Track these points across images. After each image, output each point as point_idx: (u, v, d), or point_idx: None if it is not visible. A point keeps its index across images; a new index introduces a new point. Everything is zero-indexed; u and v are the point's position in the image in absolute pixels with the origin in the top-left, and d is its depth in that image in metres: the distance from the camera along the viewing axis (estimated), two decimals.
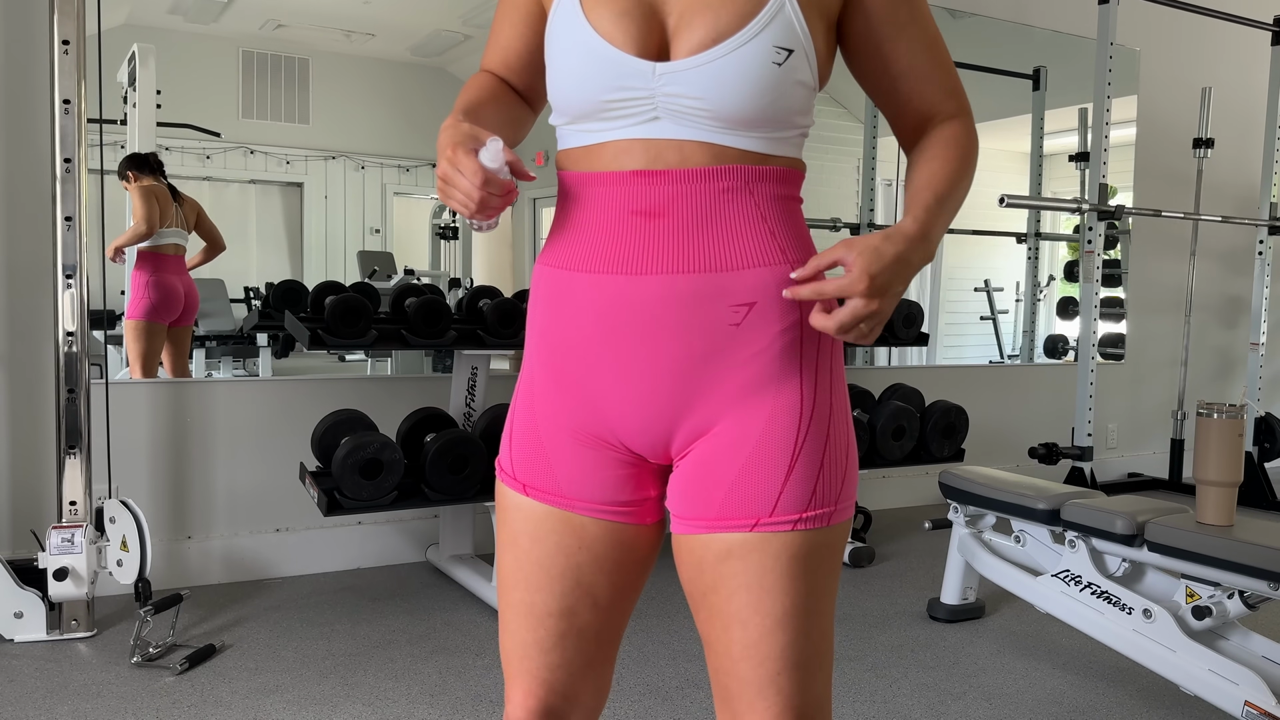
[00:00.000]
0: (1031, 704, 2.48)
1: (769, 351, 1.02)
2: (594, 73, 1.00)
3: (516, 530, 1.11)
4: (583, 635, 1.11)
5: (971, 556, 2.95)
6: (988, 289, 5.45)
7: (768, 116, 1.00)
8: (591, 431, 1.07)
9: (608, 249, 1.03)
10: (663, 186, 1.01)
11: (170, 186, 3.41)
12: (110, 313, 3.35)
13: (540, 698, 1.12)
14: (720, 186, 1.01)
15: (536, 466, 1.09)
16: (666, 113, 1.00)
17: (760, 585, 1.01)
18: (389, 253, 3.88)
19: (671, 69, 0.99)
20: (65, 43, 2.69)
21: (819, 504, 1.02)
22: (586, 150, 1.05)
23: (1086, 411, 4.34)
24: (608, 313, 1.02)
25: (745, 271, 1.02)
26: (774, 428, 1.02)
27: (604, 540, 1.09)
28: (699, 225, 1.01)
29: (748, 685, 1.03)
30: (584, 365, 1.05)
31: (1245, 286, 5.78)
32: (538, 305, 1.09)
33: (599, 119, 1.03)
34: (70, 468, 2.78)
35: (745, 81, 0.98)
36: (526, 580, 1.10)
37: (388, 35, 3.71)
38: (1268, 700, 2.16)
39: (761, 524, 1.01)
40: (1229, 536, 2.27)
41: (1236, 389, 5.80)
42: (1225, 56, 5.61)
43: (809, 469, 1.02)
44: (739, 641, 1.03)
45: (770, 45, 0.98)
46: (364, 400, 3.52)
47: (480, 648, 2.76)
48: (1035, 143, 5.36)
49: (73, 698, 2.39)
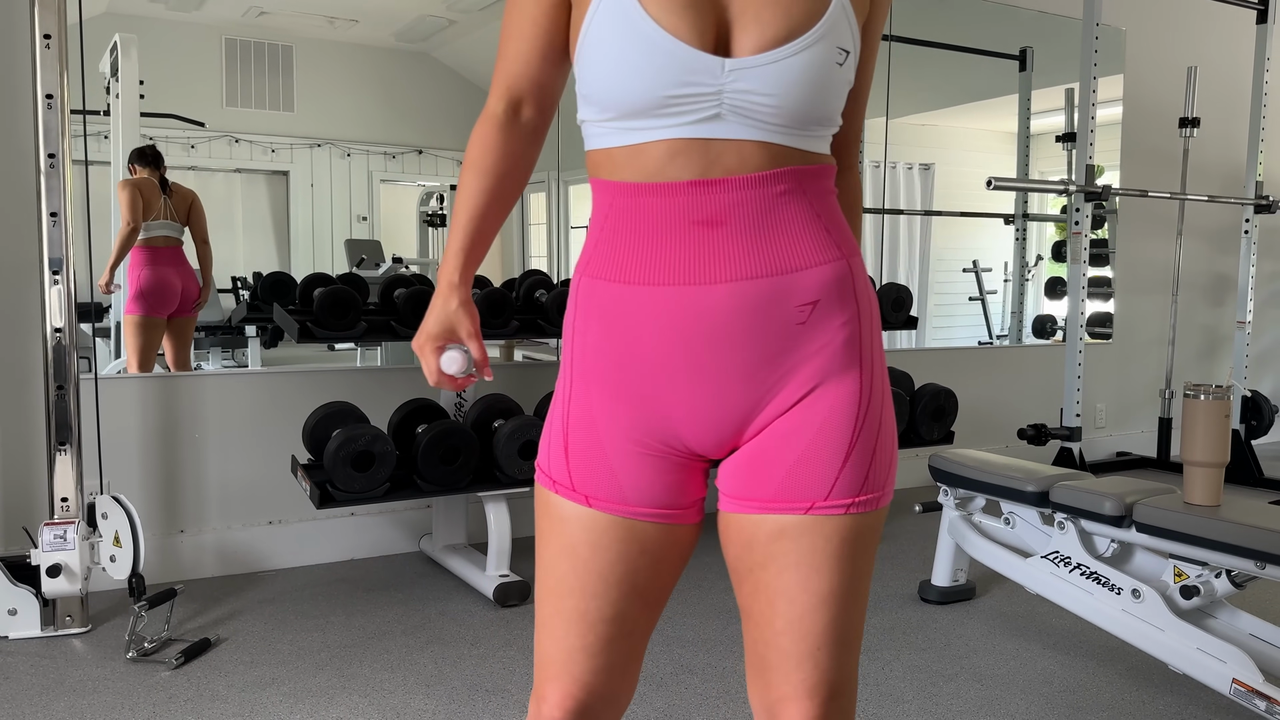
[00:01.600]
0: (1022, 684, 2.50)
1: (832, 345, 1.06)
2: (656, 67, 0.98)
3: (574, 540, 1.11)
4: (629, 638, 1.14)
5: (961, 539, 2.97)
6: (976, 270, 5.46)
7: (822, 115, 1.03)
8: (655, 438, 1.09)
9: (671, 261, 1.02)
10: (722, 194, 1.01)
11: (162, 179, 3.39)
12: (98, 305, 3.33)
13: (579, 699, 1.14)
14: (778, 190, 1.03)
15: (599, 477, 1.10)
16: (730, 110, 1.00)
17: (810, 564, 1.05)
18: (376, 241, 3.87)
19: (743, 65, 0.98)
20: (47, 37, 2.67)
21: (870, 489, 1.07)
22: (632, 150, 1.03)
23: (1075, 393, 4.36)
24: (676, 324, 1.03)
25: (808, 271, 1.04)
26: (834, 417, 1.05)
27: (660, 542, 1.12)
28: (760, 229, 1.02)
29: (787, 657, 1.08)
30: (649, 377, 1.06)
31: (1232, 265, 5.81)
32: (591, 320, 1.08)
33: (653, 115, 1.01)
34: (61, 463, 2.77)
35: (812, 80, 0.99)
36: (583, 588, 1.11)
37: (371, 21, 3.69)
38: (1255, 677, 2.19)
39: (816, 507, 1.05)
40: (1216, 516, 2.29)
41: (1223, 367, 5.84)
42: (1210, 36, 5.61)
43: (864, 455, 1.06)
44: (783, 616, 1.07)
45: (834, 46, 1.00)
46: (355, 391, 3.52)
47: (475, 637, 2.77)
48: (1022, 124, 5.37)
49: (68, 694, 2.39)
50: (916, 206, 5.19)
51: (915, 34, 4.83)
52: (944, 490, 3.02)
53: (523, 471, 3.04)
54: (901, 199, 5.12)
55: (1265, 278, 6.00)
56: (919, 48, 4.85)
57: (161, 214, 3.40)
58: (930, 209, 5.22)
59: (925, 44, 4.89)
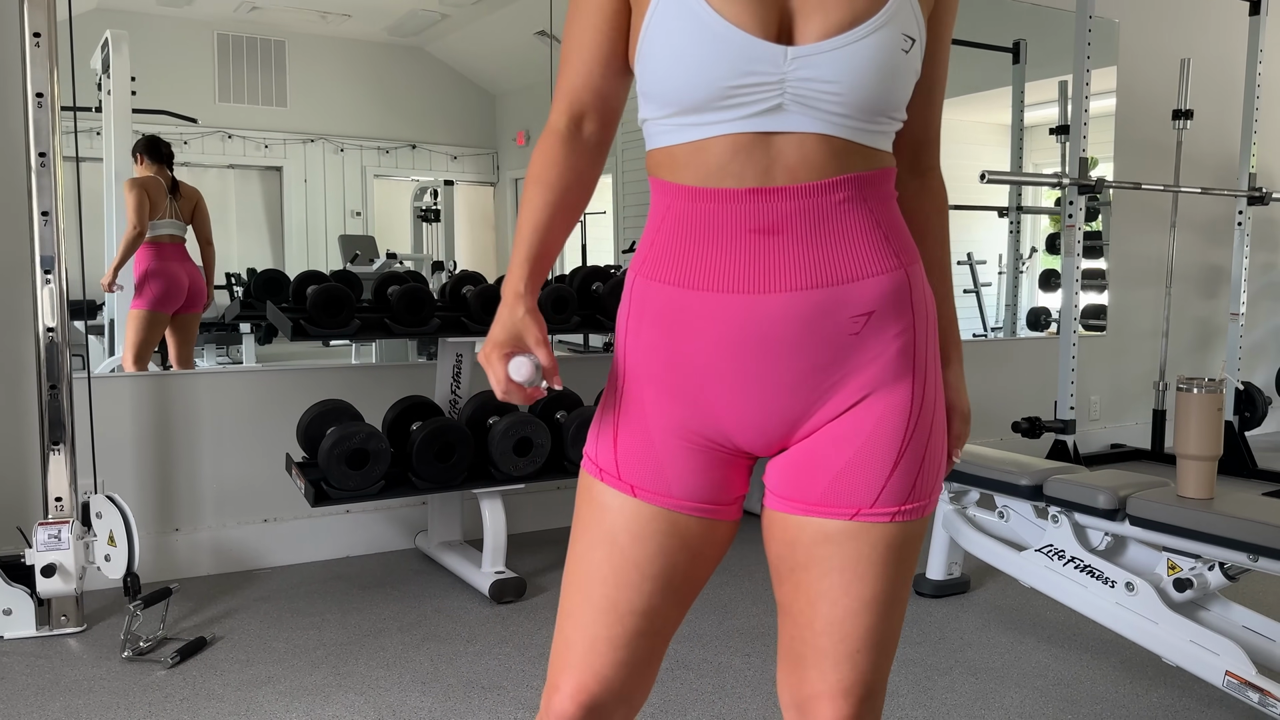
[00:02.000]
0: (1017, 677, 2.51)
1: (885, 354, 1.05)
2: (718, 57, 0.97)
3: (615, 528, 1.11)
4: (653, 636, 1.14)
5: (956, 532, 2.98)
6: (970, 262, 5.47)
7: (890, 104, 1.01)
8: (703, 435, 1.10)
9: (727, 268, 1.02)
10: (780, 203, 1.00)
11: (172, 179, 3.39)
12: (91, 303, 3.33)
13: (593, 693, 1.13)
14: (836, 198, 1.01)
15: (646, 468, 1.10)
16: (792, 100, 0.98)
17: (854, 570, 1.06)
18: (370, 236, 3.87)
19: (806, 52, 0.97)
20: (36, 35, 2.66)
21: (917, 497, 1.07)
22: (694, 148, 1.02)
23: (1069, 385, 4.37)
24: (731, 331, 1.03)
25: (864, 282, 1.03)
26: (884, 425, 1.05)
27: (701, 536, 1.12)
28: (817, 239, 1.01)
29: (825, 657, 1.09)
30: (703, 379, 1.07)
31: (1225, 257, 5.82)
32: (647, 320, 1.09)
33: (715, 109, 0.99)
34: (55, 463, 2.77)
35: (879, 67, 0.97)
36: (617, 577, 1.11)
37: (364, 15, 3.68)
38: (1248, 670, 2.20)
39: (862, 514, 1.06)
40: (1209, 509, 2.30)
41: (1217, 359, 5.85)
42: (1204, 28, 5.62)
43: (912, 464, 1.06)
44: (824, 617, 1.08)
45: (900, 32, 0.98)
46: (349, 389, 3.52)
47: (471, 634, 2.78)
48: (1016, 116, 5.37)
49: (64, 694, 2.39)
50: None
51: None
52: None
53: (518, 468, 3.04)
54: None
55: (1258, 269, 6.02)
56: None
57: (167, 213, 3.40)
58: None
59: None
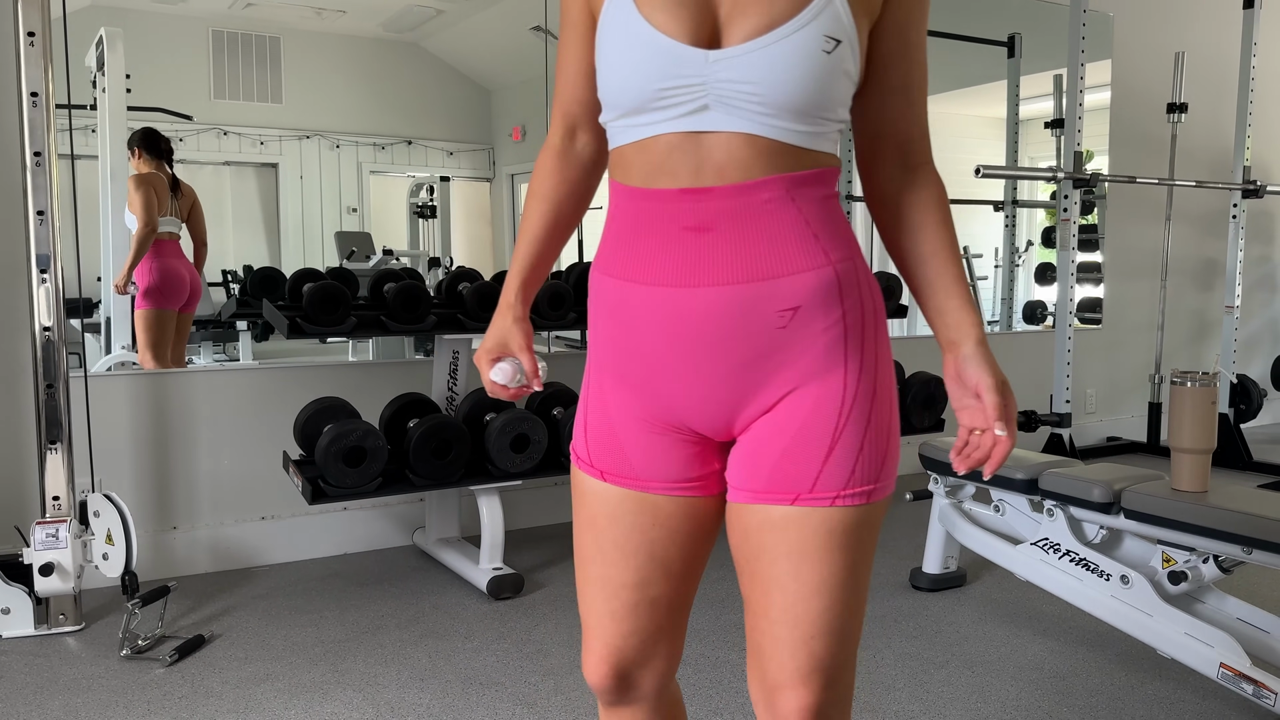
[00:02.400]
0: (1013, 671, 2.52)
1: (815, 347, 1.09)
2: (648, 63, 1.04)
3: (594, 512, 1.20)
4: (655, 604, 1.21)
5: (952, 526, 2.99)
6: (967, 255, 5.47)
7: (814, 104, 1.04)
8: (661, 420, 1.15)
9: (663, 263, 1.08)
10: (710, 203, 1.06)
11: (174, 176, 3.40)
12: (87, 301, 3.33)
13: (613, 662, 1.22)
14: (763, 198, 1.06)
15: (610, 454, 1.18)
16: (716, 100, 1.03)
17: (801, 554, 1.09)
18: (367, 233, 3.87)
19: (725, 55, 1.02)
20: (30, 35, 2.66)
21: (857, 483, 1.09)
22: (637, 148, 1.09)
23: (1065, 379, 4.38)
24: (668, 321, 1.09)
25: (790, 278, 1.07)
26: (816, 414, 1.09)
27: (676, 515, 1.18)
28: (745, 237, 1.06)
29: (781, 645, 1.11)
30: (649, 367, 1.13)
31: (1220, 249, 5.83)
32: (600, 313, 1.17)
33: (650, 110, 1.06)
34: (52, 462, 2.77)
35: (797, 67, 1.01)
36: (603, 556, 1.20)
37: (359, 11, 3.68)
38: (1242, 661, 2.21)
39: (802, 499, 1.09)
40: (1203, 502, 2.31)
41: (1212, 351, 5.87)
42: (1198, 21, 5.62)
43: (848, 451, 1.09)
44: (777, 605, 1.11)
45: (821, 34, 1.02)
46: (346, 386, 3.52)
47: (469, 630, 2.78)
48: (1011, 110, 5.37)
49: (63, 692, 2.40)
50: None
51: None
52: (934, 478, 3.04)
53: (515, 465, 3.05)
54: None
55: (1253, 262, 6.03)
56: None
57: (169, 210, 3.41)
58: None
59: None
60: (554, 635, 2.75)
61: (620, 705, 1.27)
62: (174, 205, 3.42)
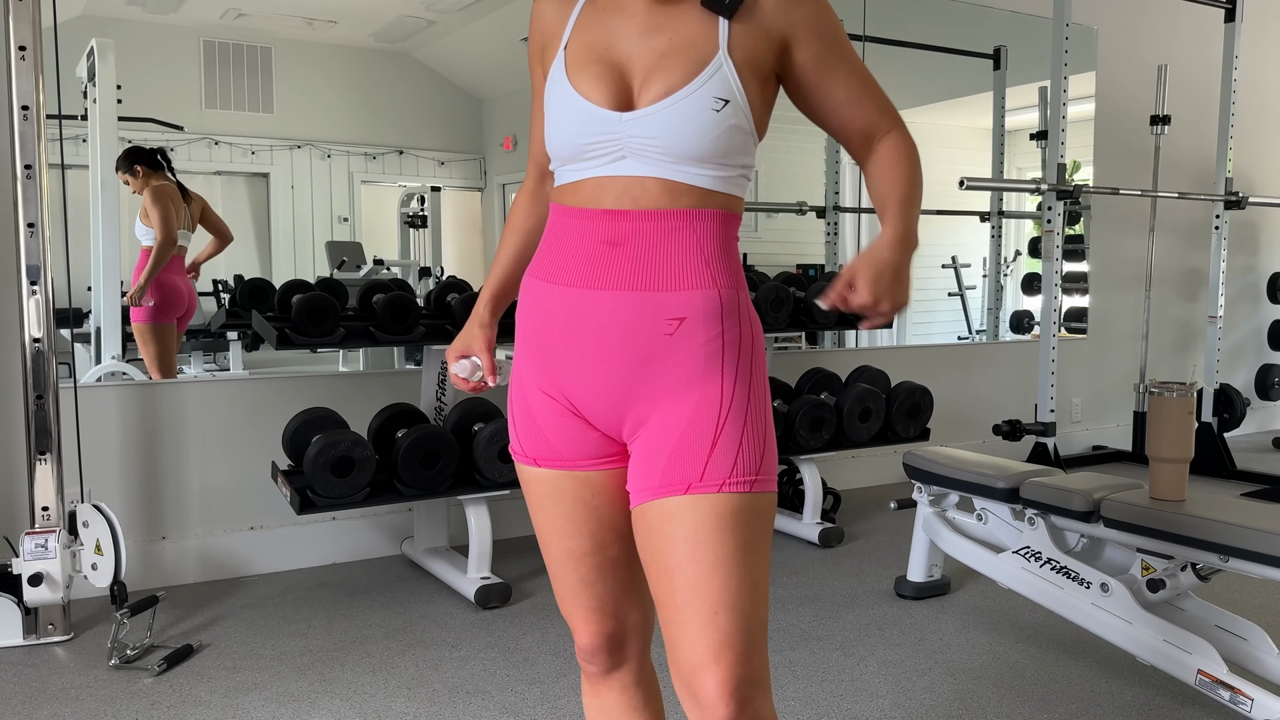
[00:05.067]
0: (995, 677, 2.55)
1: (695, 357, 1.25)
2: (576, 124, 1.27)
3: (540, 495, 1.36)
4: (616, 563, 1.37)
5: (935, 535, 3.02)
6: (955, 265, 5.52)
7: (710, 152, 1.24)
8: (568, 409, 1.31)
9: (579, 268, 1.28)
10: (624, 223, 1.26)
11: (179, 184, 3.42)
12: (76, 311, 3.34)
13: (597, 624, 1.39)
14: (669, 225, 1.25)
15: (536, 441, 1.34)
16: (631, 152, 1.25)
17: (696, 538, 1.21)
18: (358, 243, 3.89)
19: (634, 116, 1.24)
20: (22, 48, 2.68)
21: (739, 474, 1.23)
22: (573, 186, 1.30)
23: (1049, 389, 4.42)
24: (574, 318, 1.27)
25: (679, 292, 1.25)
26: (699, 414, 1.24)
27: (608, 484, 1.34)
28: (648, 254, 1.25)
29: (689, 626, 1.21)
30: (558, 358, 1.30)
31: (1203, 260, 5.89)
32: (524, 310, 1.35)
33: (580, 160, 1.28)
34: (41, 472, 2.78)
35: (690, 124, 1.22)
36: (559, 532, 1.36)
37: (350, 22, 3.70)
38: (1219, 668, 2.24)
39: (693, 488, 1.22)
40: (1181, 511, 2.34)
41: (1197, 361, 5.91)
42: (1180, 34, 5.68)
43: (729, 445, 1.24)
44: (680, 588, 1.22)
45: (710, 96, 1.23)
46: (335, 397, 3.54)
47: (456, 639, 2.80)
48: (997, 122, 5.42)
49: (51, 702, 2.41)
50: None
51: (890, 34, 4.88)
52: (918, 487, 3.07)
53: (503, 474, 3.07)
54: None
55: (1236, 272, 6.08)
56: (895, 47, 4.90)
57: (182, 223, 3.44)
58: None
59: (900, 44, 4.94)
60: (541, 644, 2.77)
61: (612, 671, 1.44)
62: (186, 218, 3.45)
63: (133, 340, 3.44)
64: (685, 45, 1.25)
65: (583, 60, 1.28)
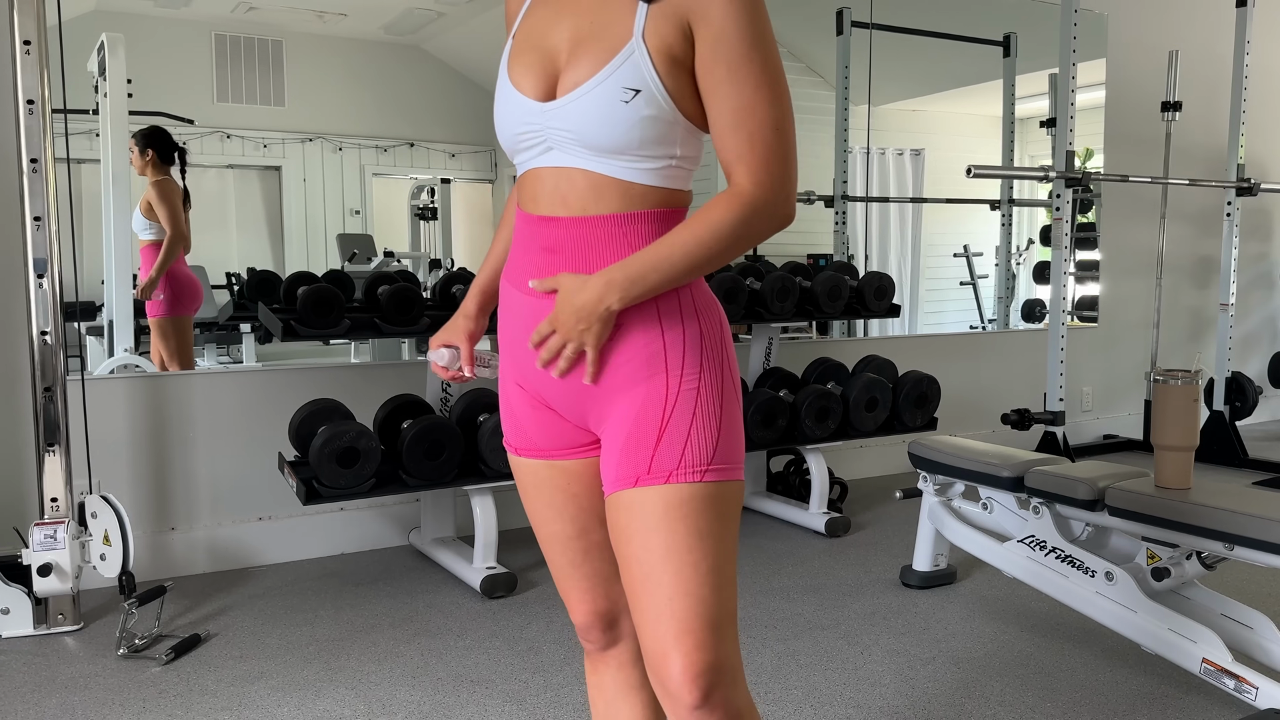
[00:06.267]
0: (999, 666, 2.55)
1: (637, 358, 1.26)
2: (509, 114, 1.28)
3: (525, 483, 1.41)
4: (602, 547, 1.41)
5: (941, 524, 3.01)
6: (967, 254, 5.49)
7: (624, 144, 1.20)
8: (540, 401, 1.35)
9: (527, 274, 1.30)
10: (558, 230, 1.26)
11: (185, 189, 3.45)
12: (89, 304, 3.37)
13: (590, 602, 1.44)
14: (597, 233, 1.24)
15: (518, 433, 1.38)
16: (556, 143, 1.24)
17: (649, 527, 1.23)
18: (368, 235, 3.90)
19: (549, 107, 1.24)
20: (26, 43, 2.69)
21: (688, 465, 1.23)
22: (520, 180, 1.32)
23: (1057, 377, 4.40)
24: (530, 321, 1.30)
25: None
26: (644, 412, 1.25)
27: (585, 472, 1.37)
28: (583, 260, 1.25)
29: (646, 614, 1.23)
30: (523, 359, 1.33)
31: (1215, 247, 5.84)
32: (499, 310, 1.39)
33: (519, 151, 1.29)
34: (50, 464, 2.81)
35: (597, 115, 1.19)
36: (545, 517, 1.40)
37: (360, 14, 3.71)
38: (1224, 657, 2.23)
39: (641, 480, 1.24)
40: (1186, 499, 2.33)
41: (1209, 349, 5.88)
42: (1191, 20, 5.63)
43: (676, 439, 1.24)
44: (636, 577, 1.23)
45: (619, 86, 1.18)
46: (342, 388, 3.56)
47: (462, 629, 2.81)
48: (1007, 109, 5.39)
49: (60, 690, 2.44)
50: (908, 192, 5.21)
51: (899, 21, 4.85)
52: (923, 476, 3.06)
53: (507, 465, 3.08)
54: (892, 185, 5.14)
55: (1248, 260, 6.04)
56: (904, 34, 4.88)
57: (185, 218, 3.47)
58: (920, 194, 5.24)
59: (910, 31, 4.91)
60: (545, 633, 2.78)
61: (608, 648, 1.47)
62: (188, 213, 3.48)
63: (146, 333, 3.46)
64: (601, 31, 1.20)
65: (522, 47, 1.28)
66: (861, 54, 4.74)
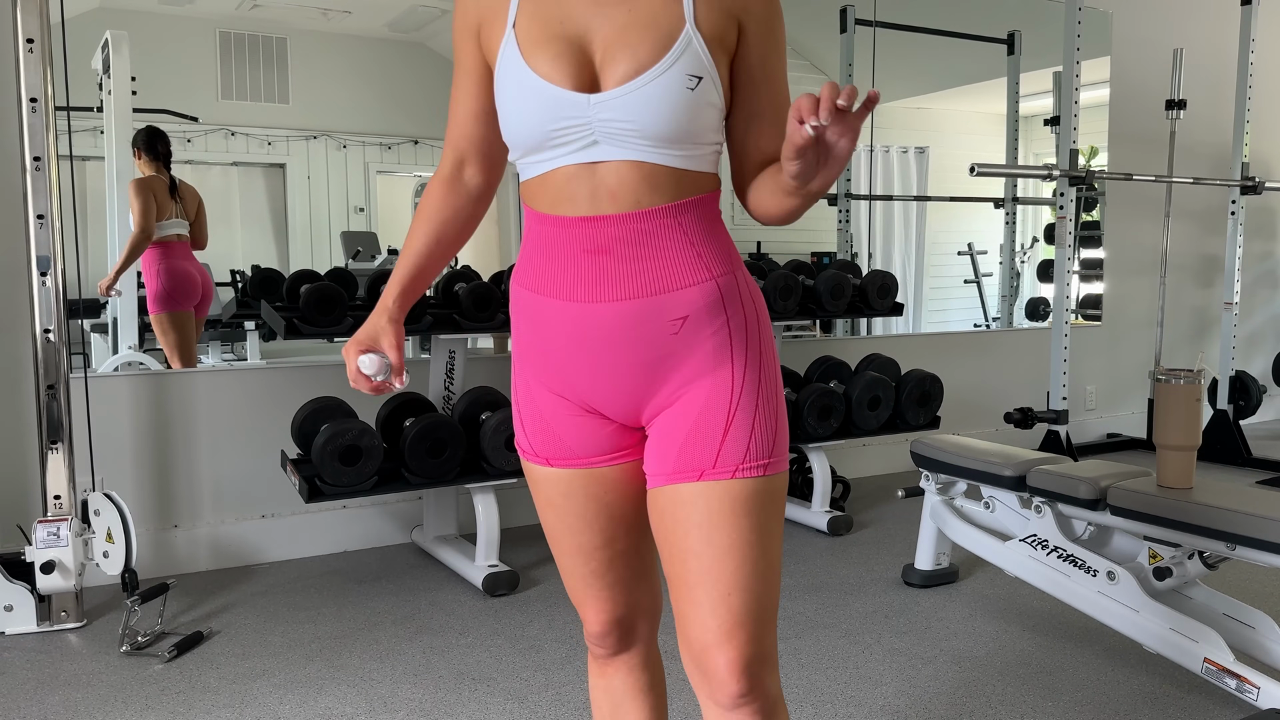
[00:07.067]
0: (1000, 666, 2.55)
1: (703, 349, 1.24)
2: (539, 109, 1.19)
3: (550, 494, 1.36)
4: (625, 555, 1.39)
5: (943, 523, 3.01)
6: (971, 252, 5.49)
7: (686, 133, 1.19)
8: (580, 405, 1.30)
9: (569, 280, 1.23)
10: (606, 229, 1.21)
11: (171, 179, 3.44)
12: (93, 301, 3.37)
13: (609, 612, 1.41)
14: (653, 225, 1.21)
15: (549, 442, 1.33)
16: (604, 136, 1.19)
17: (710, 522, 1.22)
18: (372, 233, 3.90)
19: (603, 98, 1.18)
20: (29, 41, 2.70)
21: (752, 459, 1.23)
22: (541, 181, 1.24)
23: (1061, 376, 4.39)
24: (574, 331, 1.25)
25: (678, 292, 1.22)
26: (711, 403, 1.24)
27: (620, 478, 1.34)
28: (637, 258, 1.22)
29: (701, 606, 1.22)
30: (564, 365, 1.28)
31: (1220, 246, 5.83)
32: (521, 321, 1.31)
33: (547, 149, 1.21)
34: (53, 462, 2.82)
35: (665, 104, 1.17)
36: (569, 528, 1.37)
37: (364, 12, 3.71)
38: (1226, 657, 2.23)
39: (706, 474, 1.22)
40: (1188, 499, 2.33)
41: (1213, 348, 5.86)
42: (1196, 18, 5.62)
43: (742, 432, 1.23)
44: (694, 570, 1.23)
45: (684, 73, 1.17)
46: (345, 386, 3.56)
47: (464, 626, 2.82)
48: (1011, 107, 5.38)
49: (63, 687, 2.44)
50: (912, 190, 5.21)
51: (905, 19, 4.85)
52: (926, 475, 3.06)
53: (510, 463, 3.08)
54: (896, 183, 5.14)
55: (1253, 258, 6.02)
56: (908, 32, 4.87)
57: (172, 213, 3.45)
58: (924, 192, 5.24)
59: (913, 29, 4.90)
60: (547, 631, 2.78)
61: (620, 653, 1.46)
62: (177, 207, 3.46)
63: (150, 330, 3.47)
64: (650, 18, 1.18)
65: (537, 38, 1.20)
66: (865, 52, 4.74)
